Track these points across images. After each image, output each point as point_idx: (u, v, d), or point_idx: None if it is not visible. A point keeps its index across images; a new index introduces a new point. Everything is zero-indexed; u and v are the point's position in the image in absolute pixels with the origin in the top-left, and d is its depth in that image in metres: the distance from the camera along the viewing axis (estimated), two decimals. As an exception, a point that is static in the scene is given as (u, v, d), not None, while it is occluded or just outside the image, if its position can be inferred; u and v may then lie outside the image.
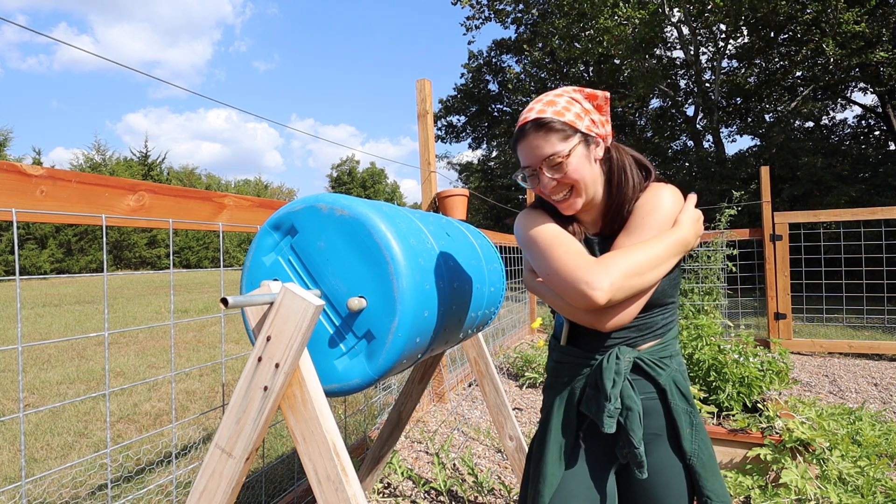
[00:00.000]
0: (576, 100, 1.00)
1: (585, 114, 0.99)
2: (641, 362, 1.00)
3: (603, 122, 1.01)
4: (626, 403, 0.97)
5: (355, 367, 1.07)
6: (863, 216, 4.59)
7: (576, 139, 0.97)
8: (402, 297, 1.04)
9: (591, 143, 1.00)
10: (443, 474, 2.19)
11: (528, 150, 0.99)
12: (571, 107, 0.98)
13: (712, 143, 14.14)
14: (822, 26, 10.65)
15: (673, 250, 0.93)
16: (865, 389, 3.67)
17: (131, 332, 6.47)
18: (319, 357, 1.08)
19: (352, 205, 1.10)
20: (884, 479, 1.98)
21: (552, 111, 0.97)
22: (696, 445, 1.00)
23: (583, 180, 0.99)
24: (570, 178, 0.99)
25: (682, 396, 1.02)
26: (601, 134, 1.01)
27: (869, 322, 6.06)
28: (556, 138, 0.97)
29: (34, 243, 23.49)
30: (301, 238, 1.12)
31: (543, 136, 0.97)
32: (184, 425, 3.05)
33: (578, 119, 0.97)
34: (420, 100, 3.11)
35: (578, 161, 0.98)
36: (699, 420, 1.02)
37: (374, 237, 1.06)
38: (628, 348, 1.01)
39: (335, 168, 50.12)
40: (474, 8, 16.53)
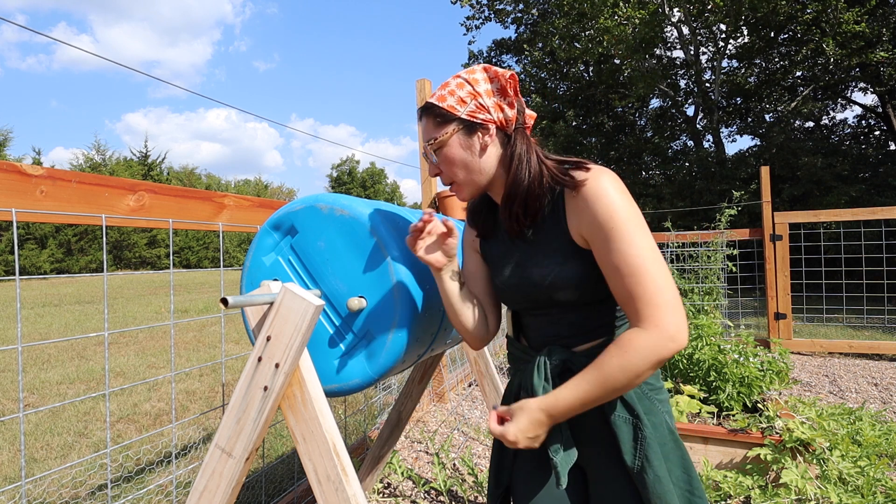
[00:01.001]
0: (469, 81, 0.91)
1: (472, 98, 0.90)
2: (574, 368, 0.89)
3: (501, 104, 0.91)
4: None
5: (355, 366, 1.07)
6: (863, 216, 4.59)
7: (451, 126, 0.91)
8: (402, 296, 1.04)
9: (476, 131, 0.91)
10: (443, 474, 2.19)
11: (420, 133, 0.99)
12: (459, 90, 0.91)
13: (712, 143, 14.14)
14: (822, 26, 10.65)
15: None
16: (865, 389, 3.67)
17: (131, 332, 6.47)
18: (319, 357, 1.08)
19: (352, 205, 1.10)
20: (884, 479, 1.98)
21: (438, 95, 0.92)
22: (639, 461, 0.88)
23: (461, 173, 0.94)
24: (446, 168, 0.95)
25: (625, 405, 0.91)
26: (493, 119, 0.91)
27: (869, 322, 6.06)
28: (432, 124, 0.94)
29: (34, 243, 23.49)
30: (301, 238, 1.12)
31: (426, 121, 0.95)
32: (184, 425, 3.05)
33: (460, 104, 0.90)
34: (420, 100, 3.10)
35: (452, 150, 0.92)
36: (650, 433, 0.89)
37: (373, 237, 1.06)
38: (561, 349, 0.94)
39: (335, 168, 50.14)
40: (474, 8, 16.52)
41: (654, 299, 0.79)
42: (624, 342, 0.80)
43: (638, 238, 0.81)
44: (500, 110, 0.91)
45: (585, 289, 0.90)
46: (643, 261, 0.80)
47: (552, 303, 0.94)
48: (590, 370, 0.82)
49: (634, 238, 0.81)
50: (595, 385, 0.81)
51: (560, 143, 14.43)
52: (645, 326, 0.79)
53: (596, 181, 0.84)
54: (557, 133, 14.56)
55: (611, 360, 0.80)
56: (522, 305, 1.00)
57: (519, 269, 0.96)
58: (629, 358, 0.78)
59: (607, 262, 0.83)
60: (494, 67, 0.91)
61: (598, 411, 0.92)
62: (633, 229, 0.81)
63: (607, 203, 0.82)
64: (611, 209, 0.82)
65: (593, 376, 0.81)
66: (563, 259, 0.90)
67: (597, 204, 0.83)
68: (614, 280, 0.83)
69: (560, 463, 0.89)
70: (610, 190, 0.84)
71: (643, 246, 0.81)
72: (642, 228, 0.83)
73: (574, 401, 0.82)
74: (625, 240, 0.81)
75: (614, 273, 0.82)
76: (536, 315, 0.99)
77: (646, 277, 0.79)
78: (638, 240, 0.81)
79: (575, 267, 0.89)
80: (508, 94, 0.91)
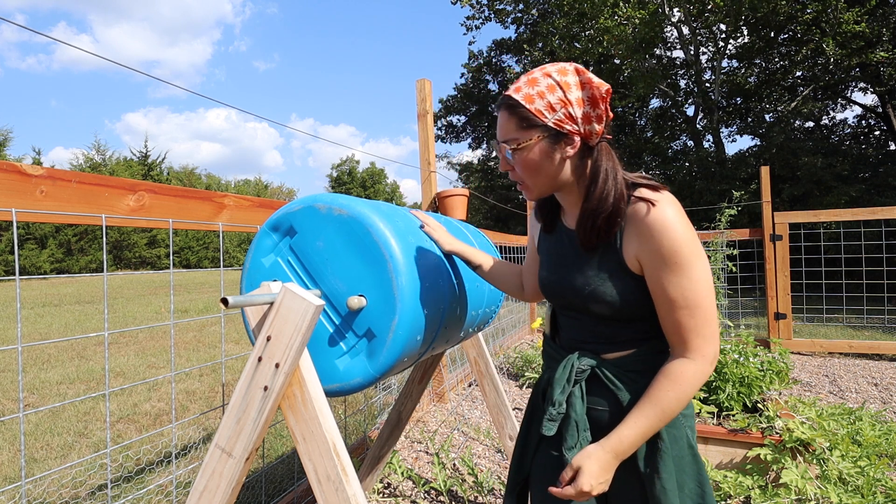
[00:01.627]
0: (561, 85, 0.86)
1: (562, 105, 0.86)
2: (601, 374, 0.95)
3: (591, 117, 0.87)
4: (568, 411, 0.95)
5: (356, 366, 1.07)
6: (863, 216, 4.59)
7: (537, 133, 0.88)
8: (402, 294, 1.04)
9: (560, 140, 0.89)
10: (443, 474, 2.19)
11: (497, 124, 0.94)
12: (550, 93, 0.86)
13: (712, 143, 14.14)
14: (822, 26, 10.65)
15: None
16: (865, 389, 3.67)
17: (131, 332, 6.47)
18: (320, 357, 1.08)
19: (350, 204, 1.10)
20: (884, 479, 1.98)
21: (525, 93, 0.87)
22: (649, 469, 0.91)
23: (534, 178, 0.93)
24: (520, 171, 0.93)
25: None
26: (579, 131, 0.88)
27: (869, 322, 6.06)
28: (515, 124, 0.90)
29: (34, 243, 23.49)
30: (300, 238, 1.12)
31: (507, 118, 0.91)
32: (184, 425, 3.05)
33: (549, 110, 0.86)
34: (420, 100, 3.11)
35: (532, 156, 0.90)
36: (665, 446, 0.91)
37: (372, 236, 1.06)
38: (590, 356, 0.96)
39: (335, 168, 50.11)
40: (474, 8, 16.52)
41: (703, 331, 0.85)
42: (676, 375, 0.86)
43: (697, 272, 0.84)
44: (587, 122, 0.88)
45: (620, 308, 0.92)
46: (701, 297, 0.85)
47: (586, 311, 0.96)
48: (646, 405, 0.87)
49: (694, 273, 0.84)
50: (654, 419, 0.86)
51: (560, 143, 14.40)
52: (693, 357, 0.86)
53: (664, 212, 0.85)
54: (557, 133, 14.53)
55: (667, 393, 0.85)
56: (558, 304, 1.03)
57: (563, 271, 0.99)
58: (684, 389, 0.85)
59: (664, 292, 0.86)
60: (588, 73, 0.87)
61: (619, 420, 0.93)
62: (696, 263, 0.84)
63: (673, 237, 0.84)
64: (677, 243, 0.84)
65: (652, 411, 0.86)
66: (609, 276, 0.92)
67: (662, 236, 0.84)
68: (667, 309, 0.87)
69: (567, 461, 0.92)
70: (677, 223, 0.84)
71: (702, 280, 0.85)
72: (702, 261, 0.86)
73: (637, 437, 0.87)
74: (686, 275, 0.84)
75: (669, 304, 0.86)
76: (570, 317, 1.02)
77: (699, 311, 0.85)
78: (697, 274, 0.84)
79: (616, 286, 0.91)
80: (599, 106, 0.87)
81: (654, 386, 0.87)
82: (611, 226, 0.90)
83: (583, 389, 0.96)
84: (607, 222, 0.89)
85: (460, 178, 23.16)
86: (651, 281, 0.88)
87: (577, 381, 0.96)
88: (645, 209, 0.86)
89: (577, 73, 0.87)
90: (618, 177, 0.90)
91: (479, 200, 19.73)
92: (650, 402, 0.86)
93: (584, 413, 0.96)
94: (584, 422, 0.95)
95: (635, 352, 0.94)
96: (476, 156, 23.68)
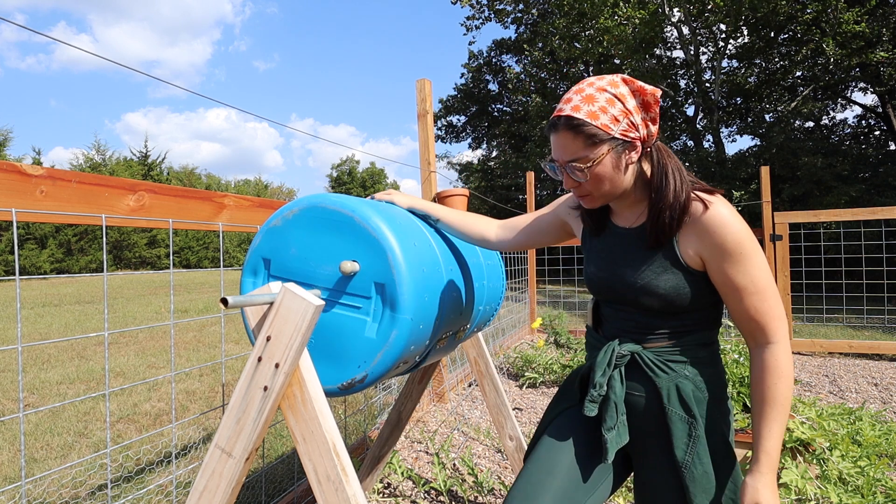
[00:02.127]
0: (618, 97, 0.91)
1: (624, 116, 0.91)
2: (640, 360, 1.00)
3: (647, 121, 0.93)
4: (608, 393, 1.00)
5: (386, 325, 1.08)
6: (863, 216, 4.59)
7: (606, 147, 0.92)
8: (390, 242, 1.09)
9: (626, 149, 0.93)
10: (443, 474, 2.19)
11: (557, 145, 0.96)
12: (611, 107, 0.90)
13: (712, 143, 14.15)
14: (822, 26, 10.65)
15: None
16: (865, 389, 3.67)
17: (131, 332, 6.47)
18: (353, 341, 1.09)
19: (297, 203, 1.17)
20: (884, 479, 1.98)
21: (587, 111, 0.90)
22: (689, 457, 0.96)
23: (604, 189, 0.97)
24: (591, 185, 0.96)
25: (683, 404, 0.98)
26: (640, 137, 0.93)
27: (869, 322, 6.06)
28: (582, 142, 0.92)
29: (34, 243, 23.49)
30: (276, 264, 1.17)
31: (571, 137, 0.93)
32: (184, 425, 3.05)
33: (614, 123, 0.90)
34: (420, 100, 3.11)
35: (604, 169, 0.94)
36: (701, 433, 0.97)
37: (328, 207, 1.13)
38: (631, 343, 1.01)
39: (335, 168, 50.09)
40: (474, 8, 16.52)
41: (776, 312, 0.92)
42: (774, 366, 0.92)
43: (760, 261, 0.92)
44: (645, 126, 0.94)
45: (671, 301, 0.96)
46: (767, 282, 0.92)
47: (635, 303, 1.00)
48: (768, 409, 0.92)
49: (758, 261, 0.92)
50: (781, 417, 0.92)
51: (560, 143, 14.40)
52: (777, 339, 0.93)
53: (722, 210, 0.92)
54: (557, 133, 14.53)
55: (778, 387, 0.91)
56: (607, 297, 1.07)
57: (614, 266, 1.04)
58: (787, 374, 0.92)
59: (733, 282, 0.93)
60: (636, 81, 0.92)
61: (657, 407, 1.00)
62: (757, 253, 0.92)
63: (736, 230, 0.91)
64: (740, 236, 0.91)
65: (775, 410, 0.91)
66: (662, 270, 0.97)
67: (725, 230, 0.91)
68: (738, 298, 0.93)
69: (610, 440, 0.98)
70: (736, 219, 0.92)
71: (765, 268, 0.93)
72: (760, 250, 0.93)
73: (777, 441, 0.92)
74: (752, 263, 0.91)
75: (740, 292, 0.92)
76: (616, 309, 1.06)
77: (768, 293, 0.92)
78: (760, 262, 0.92)
79: (668, 280, 0.96)
80: (653, 109, 0.93)
81: (762, 385, 0.92)
82: (681, 221, 0.95)
83: (622, 374, 1.01)
84: (680, 216, 0.95)
85: (460, 178, 23.16)
86: (717, 274, 0.94)
87: (618, 366, 1.01)
88: (703, 208, 0.93)
89: (626, 83, 0.93)
90: (684, 174, 0.97)
91: (479, 200, 19.73)
92: (769, 403, 0.91)
93: (623, 396, 1.01)
94: (622, 406, 1.01)
95: (675, 342, 0.99)
96: (476, 156, 23.68)
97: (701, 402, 0.98)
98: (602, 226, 1.09)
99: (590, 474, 1.04)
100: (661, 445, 1.00)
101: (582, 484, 1.02)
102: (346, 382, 1.09)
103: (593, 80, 0.93)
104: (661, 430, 1.00)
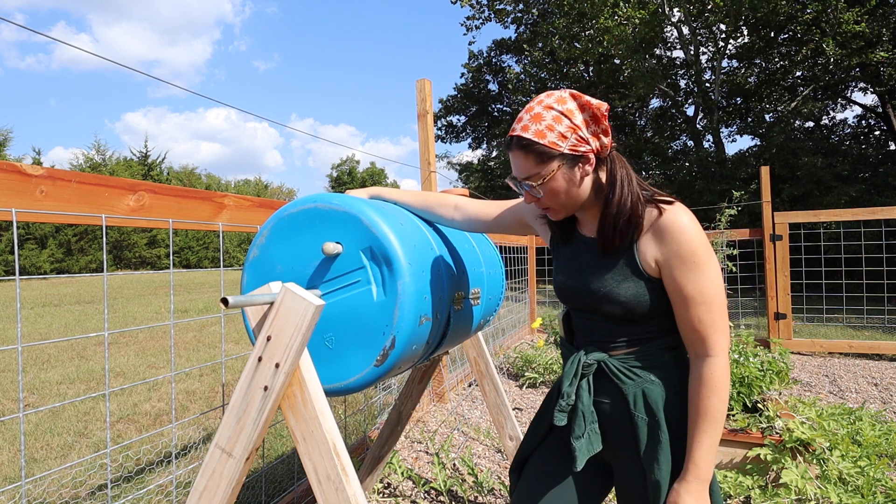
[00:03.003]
0: (565, 114, 0.93)
1: (572, 132, 0.93)
2: (607, 368, 1.01)
3: (598, 133, 0.95)
4: (576, 402, 1.02)
5: (390, 284, 1.09)
6: (863, 216, 4.59)
7: (556, 163, 0.94)
8: (373, 217, 1.10)
9: (577, 162, 0.95)
10: (443, 474, 2.19)
11: (513, 164, 1.00)
12: (557, 125, 0.92)
13: (712, 143, 14.14)
14: (822, 26, 10.65)
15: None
16: (865, 389, 3.67)
17: (131, 332, 6.47)
18: (368, 312, 1.09)
19: (265, 225, 1.19)
20: (884, 479, 1.98)
21: (534, 130, 0.93)
22: (651, 461, 0.97)
23: (560, 201, 0.99)
24: (548, 199, 0.99)
25: (649, 409, 0.98)
26: (592, 149, 0.95)
27: (869, 322, 6.06)
28: (533, 161, 0.95)
29: (34, 243, 23.48)
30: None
31: (523, 157, 0.96)
32: (184, 425, 3.05)
33: (561, 139, 0.93)
34: (420, 100, 3.11)
35: (557, 184, 0.96)
36: (666, 438, 0.97)
37: (298, 211, 1.16)
38: (598, 351, 1.03)
39: (335, 168, 50.07)
40: (474, 8, 16.52)
41: (718, 325, 0.92)
42: (708, 379, 0.92)
43: (712, 271, 0.92)
44: (596, 139, 0.95)
45: (631, 308, 0.97)
46: (715, 293, 0.92)
47: (599, 311, 1.02)
48: (699, 420, 0.92)
49: (710, 272, 0.92)
50: (711, 429, 0.92)
51: (560, 143, 14.39)
52: (713, 353, 0.92)
53: (679, 216, 0.93)
54: (557, 133, 14.52)
55: (710, 400, 0.92)
56: (575, 305, 1.09)
57: (579, 275, 1.05)
58: (720, 388, 0.92)
59: (682, 290, 0.93)
60: (584, 96, 0.94)
61: (625, 413, 1.01)
62: (710, 263, 0.92)
63: (690, 238, 0.92)
64: (694, 244, 0.92)
65: (707, 424, 0.92)
66: (623, 278, 0.98)
67: (681, 237, 0.92)
68: (684, 306, 0.93)
69: (579, 448, 1.00)
70: (692, 227, 0.93)
71: (716, 279, 0.92)
72: (715, 261, 0.93)
73: (707, 453, 0.92)
74: (703, 273, 0.91)
75: (687, 301, 0.93)
76: (584, 317, 1.08)
77: (714, 306, 0.92)
78: (711, 273, 0.92)
79: (629, 288, 0.97)
80: (602, 123, 0.94)
81: (695, 398, 0.93)
82: (630, 228, 0.96)
83: (590, 383, 1.02)
84: (627, 225, 0.96)
85: (460, 178, 23.15)
86: (669, 280, 0.94)
87: (584, 375, 1.02)
88: (662, 214, 0.94)
89: (574, 98, 0.94)
90: (633, 183, 0.98)
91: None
92: (700, 415, 0.92)
93: (591, 405, 1.02)
94: (591, 413, 1.02)
95: (640, 349, 1.00)
96: (476, 156, 23.67)
97: (669, 406, 0.99)
98: (569, 235, 1.11)
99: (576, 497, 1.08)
100: (631, 449, 1.02)
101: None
102: (380, 355, 1.07)
103: (542, 98, 0.95)
104: (629, 434, 1.01)
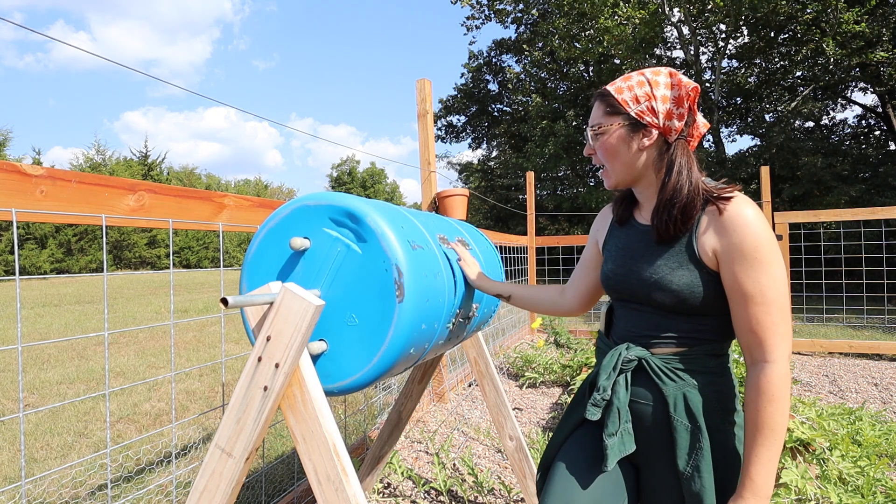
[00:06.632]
0: (650, 82, 0.95)
1: (647, 99, 0.94)
2: (648, 366, 0.96)
3: (674, 114, 0.93)
4: (612, 398, 0.98)
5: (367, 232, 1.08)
6: (863, 216, 4.59)
7: (619, 119, 0.97)
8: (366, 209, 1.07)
9: (639, 130, 0.96)
10: (443, 474, 2.19)
11: (591, 112, 1.04)
12: (638, 88, 0.95)
13: (712, 142, 14.14)
14: (822, 26, 10.65)
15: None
16: (865, 389, 3.67)
17: (131, 332, 6.47)
18: (355, 260, 1.07)
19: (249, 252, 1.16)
20: (884, 479, 1.98)
21: (617, 86, 0.98)
22: (690, 469, 0.92)
23: (612, 161, 1.01)
24: (602, 154, 1.01)
25: (689, 414, 0.94)
26: (658, 124, 0.94)
27: (869, 322, 6.05)
28: (602, 111, 1.00)
29: (34, 243, 23.48)
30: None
31: (597, 105, 1.01)
32: (184, 425, 3.05)
33: (634, 102, 0.95)
34: (420, 100, 3.11)
35: (614, 141, 0.98)
36: (706, 446, 0.92)
37: (275, 225, 1.09)
38: (639, 348, 0.98)
39: (335, 168, 50.10)
40: (474, 8, 16.52)
41: (778, 329, 0.86)
42: (768, 389, 0.85)
43: (776, 270, 0.87)
44: (669, 118, 0.95)
45: (683, 298, 0.93)
46: (777, 294, 0.86)
47: (648, 300, 0.98)
48: (756, 434, 0.86)
49: (773, 270, 0.86)
50: (771, 442, 0.86)
51: (560, 142, 14.41)
52: (773, 359, 0.86)
53: (743, 208, 0.88)
54: (557, 133, 14.54)
55: (767, 412, 0.86)
56: (621, 295, 1.05)
57: (631, 263, 1.02)
58: (780, 398, 0.85)
59: (741, 286, 0.88)
60: (682, 76, 0.94)
61: (663, 416, 0.96)
62: (775, 261, 0.87)
63: (755, 232, 0.87)
64: (759, 239, 0.86)
65: (764, 437, 0.86)
66: (677, 265, 0.94)
67: (744, 230, 0.87)
68: (743, 305, 0.88)
69: (611, 447, 0.95)
70: (758, 220, 0.88)
71: (780, 279, 0.87)
72: (781, 260, 0.88)
73: (764, 468, 0.86)
74: (765, 271, 0.86)
75: (746, 299, 0.87)
76: (629, 309, 1.03)
77: (775, 308, 0.86)
78: (775, 272, 0.87)
79: (683, 276, 0.93)
80: (683, 105, 0.94)
81: (751, 408, 0.87)
82: (686, 217, 0.93)
83: (628, 379, 0.98)
84: (683, 213, 0.93)
85: (460, 178, 23.15)
86: (727, 274, 0.89)
87: (623, 371, 0.98)
88: (725, 205, 0.90)
89: (670, 75, 0.95)
90: (692, 172, 0.94)
91: (479, 200, 19.73)
92: (757, 427, 0.87)
93: (627, 402, 0.98)
94: (626, 411, 0.97)
95: (687, 350, 0.96)
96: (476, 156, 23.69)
97: (709, 413, 0.95)
98: (627, 216, 1.09)
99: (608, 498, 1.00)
100: (666, 455, 0.97)
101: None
102: (397, 286, 1.03)
103: (646, 68, 0.99)
104: (666, 439, 0.97)
